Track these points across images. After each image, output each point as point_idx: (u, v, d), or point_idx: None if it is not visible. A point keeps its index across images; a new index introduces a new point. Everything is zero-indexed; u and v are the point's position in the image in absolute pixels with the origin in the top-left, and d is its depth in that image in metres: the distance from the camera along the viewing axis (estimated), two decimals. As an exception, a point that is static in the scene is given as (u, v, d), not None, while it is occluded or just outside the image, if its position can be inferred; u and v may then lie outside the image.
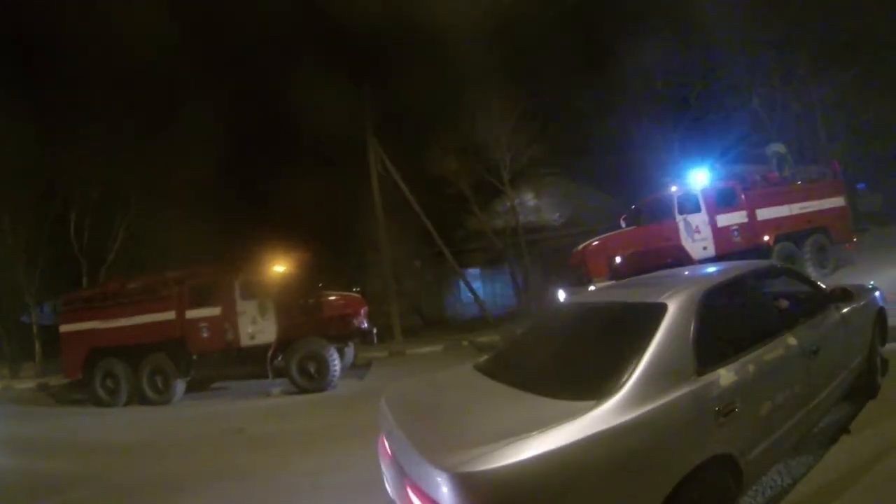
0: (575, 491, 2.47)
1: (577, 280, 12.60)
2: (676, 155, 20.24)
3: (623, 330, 3.51)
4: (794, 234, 13.39)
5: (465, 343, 15.63)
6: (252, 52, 25.89)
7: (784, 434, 3.48)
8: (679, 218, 12.46)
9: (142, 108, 22.10)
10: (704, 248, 12.53)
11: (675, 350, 3.07)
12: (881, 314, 5.34)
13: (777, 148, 15.38)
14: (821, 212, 14.09)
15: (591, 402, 2.67)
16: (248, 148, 25.01)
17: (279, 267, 12.57)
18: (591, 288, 11.60)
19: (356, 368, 13.53)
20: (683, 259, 12.03)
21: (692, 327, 3.21)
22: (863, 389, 4.94)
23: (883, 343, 5.38)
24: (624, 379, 2.81)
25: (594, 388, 2.79)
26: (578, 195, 22.73)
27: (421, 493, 2.57)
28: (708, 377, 3.05)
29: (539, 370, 3.65)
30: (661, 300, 3.38)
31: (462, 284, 20.49)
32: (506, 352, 4.46)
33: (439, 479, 2.37)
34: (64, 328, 12.68)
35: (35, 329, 20.11)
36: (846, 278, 5.80)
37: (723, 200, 13.02)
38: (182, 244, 18.17)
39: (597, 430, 2.53)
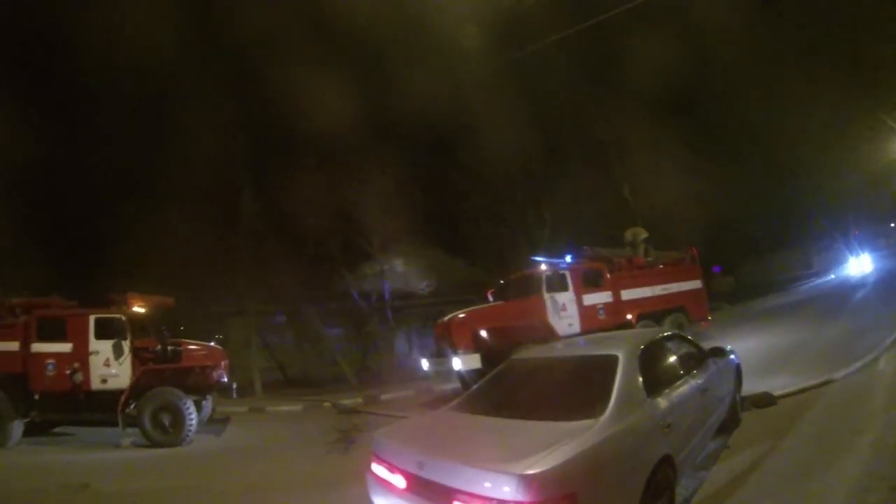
0: (599, 477, 3.46)
1: (441, 350, 12.33)
2: (547, 233, 20.79)
3: (591, 373, 4.62)
4: (656, 313, 14.04)
5: (326, 404, 15.00)
6: (127, 80, 24.39)
7: (695, 445, 4.86)
8: (546, 295, 12.52)
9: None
10: (570, 325, 12.62)
11: (632, 384, 4.28)
12: (738, 368, 7.15)
13: (639, 233, 16.10)
14: (680, 293, 15.07)
15: (592, 421, 3.73)
16: (116, 176, 23.23)
17: (140, 309, 11.40)
18: (456, 359, 11.43)
19: (213, 423, 12.42)
20: (548, 335, 12.03)
21: (638, 369, 4.45)
22: (731, 421, 6.60)
23: (740, 389, 7.12)
24: (607, 404, 3.90)
25: (589, 411, 3.85)
26: (447, 266, 22.93)
27: (483, 499, 3.20)
28: (654, 402, 4.33)
29: (531, 405, 4.59)
30: (613, 353, 4.61)
31: (327, 344, 19.79)
32: (478, 396, 5.28)
33: (510, 481, 3.08)
34: None
35: None
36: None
37: (589, 281, 13.32)
38: (32, 269, 16.46)
39: (603, 437, 3.57)
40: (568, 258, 13.59)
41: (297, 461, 8.96)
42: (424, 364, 12.90)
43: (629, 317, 13.45)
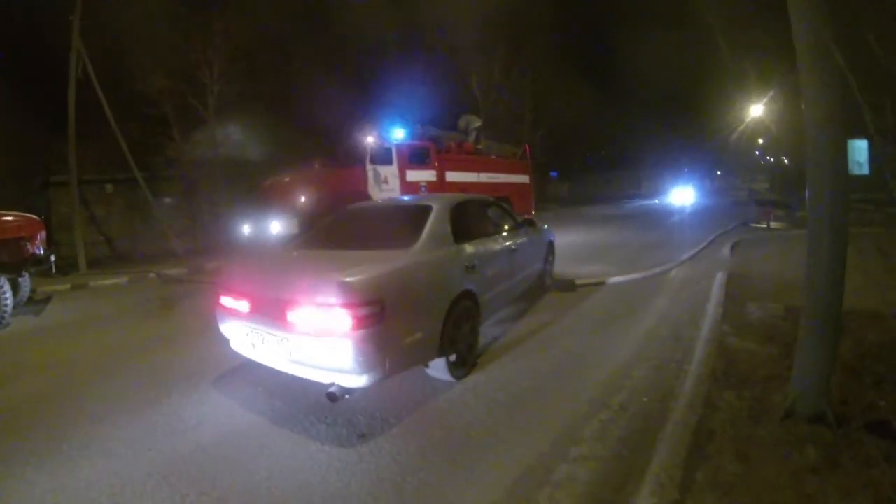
0: (404, 292, 4.31)
1: (263, 212, 12.36)
2: (381, 107, 20.88)
3: (409, 217, 5.59)
4: None
5: (151, 275, 14.71)
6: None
7: (500, 292, 6.10)
8: (370, 167, 12.81)
9: None
10: None
11: (441, 229, 5.29)
12: (551, 244, 9.02)
13: (473, 121, 16.63)
14: (507, 184, 15.98)
15: (404, 251, 4.75)
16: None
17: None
18: (274, 222, 11.59)
19: (33, 304, 11.29)
20: (367, 205, 12.40)
21: (448, 219, 5.46)
22: (539, 288, 8.31)
23: (552, 262, 9.00)
24: (418, 239, 4.95)
25: (403, 243, 4.89)
26: (280, 132, 22.29)
27: (311, 304, 3.93)
28: (460, 246, 5.37)
29: (359, 240, 5.52)
30: (429, 204, 5.65)
31: (155, 214, 18.78)
32: (316, 236, 6.14)
33: (331, 288, 3.87)
34: None
35: None
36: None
37: (415, 158, 13.72)
38: None
39: (410, 262, 4.60)
40: (398, 133, 13.68)
41: (114, 331, 8.65)
42: (246, 229, 12.91)
43: (444, 197, 13.95)
